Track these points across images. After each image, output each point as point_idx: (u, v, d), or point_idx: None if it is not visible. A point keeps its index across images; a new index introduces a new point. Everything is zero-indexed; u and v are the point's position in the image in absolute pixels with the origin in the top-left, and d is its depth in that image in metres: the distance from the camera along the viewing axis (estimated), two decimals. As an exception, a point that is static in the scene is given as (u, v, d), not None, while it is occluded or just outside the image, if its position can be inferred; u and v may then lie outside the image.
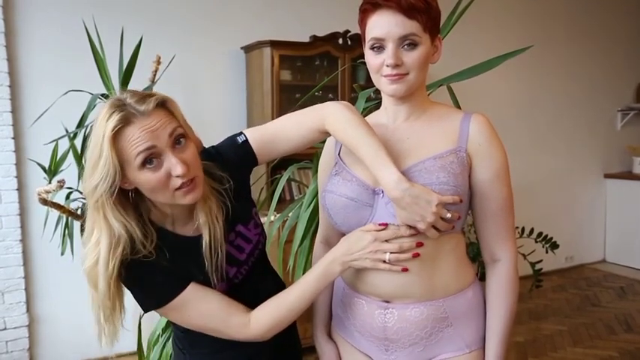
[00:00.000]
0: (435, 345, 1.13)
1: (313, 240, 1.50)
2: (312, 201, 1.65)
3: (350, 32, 3.37)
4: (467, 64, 1.63)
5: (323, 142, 1.25)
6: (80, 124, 2.31)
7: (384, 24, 1.04)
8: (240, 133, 1.16)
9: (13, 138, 2.89)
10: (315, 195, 1.62)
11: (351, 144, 1.07)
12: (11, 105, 2.87)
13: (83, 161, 2.26)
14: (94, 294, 1.00)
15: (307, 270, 1.64)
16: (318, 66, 3.47)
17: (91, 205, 0.98)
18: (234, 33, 3.41)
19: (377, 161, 1.03)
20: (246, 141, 1.14)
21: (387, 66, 1.05)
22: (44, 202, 1.88)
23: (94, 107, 2.29)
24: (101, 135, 0.93)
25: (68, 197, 2.46)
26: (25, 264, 2.99)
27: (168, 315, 1.10)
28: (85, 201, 2.40)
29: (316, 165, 1.45)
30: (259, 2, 3.48)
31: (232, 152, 1.14)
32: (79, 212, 2.30)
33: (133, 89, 1.04)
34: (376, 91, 1.52)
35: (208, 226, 1.05)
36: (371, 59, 1.09)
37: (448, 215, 1.02)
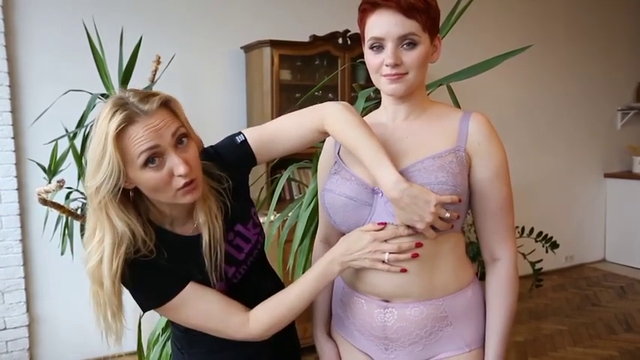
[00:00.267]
0: (435, 344, 1.13)
1: (313, 239, 1.50)
2: (311, 200, 1.65)
3: (350, 32, 3.37)
4: (466, 64, 1.64)
5: (323, 142, 1.25)
6: (80, 124, 2.31)
7: (384, 23, 1.04)
8: (239, 133, 1.16)
9: (13, 138, 2.89)
10: (314, 194, 1.62)
11: (350, 144, 1.07)
12: (11, 105, 2.87)
13: (83, 161, 2.27)
14: (99, 293, 1.00)
15: (307, 269, 1.64)
16: (317, 65, 3.48)
17: (95, 205, 0.98)
18: (233, 33, 3.41)
19: (376, 162, 1.03)
20: (245, 141, 1.14)
21: (387, 65, 1.06)
22: (44, 202, 1.88)
23: (94, 107, 2.29)
24: (104, 134, 0.93)
25: (68, 197, 2.46)
26: (25, 264, 2.99)
27: (167, 314, 1.10)
28: (85, 201, 2.39)
29: (316, 164, 1.45)
30: (259, 2, 3.48)
31: (231, 152, 1.14)
32: (79, 212, 2.30)
33: (135, 88, 1.04)
34: (376, 91, 1.52)
35: (208, 226, 1.05)
36: (370, 59, 1.09)
37: (447, 215, 1.02)
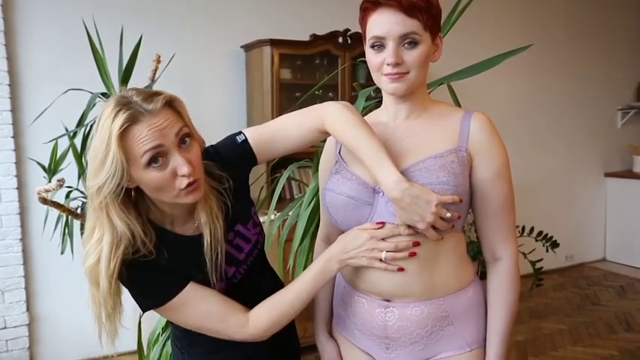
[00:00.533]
0: (436, 344, 1.13)
1: (313, 239, 1.50)
2: (312, 200, 1.65)
3: (350, 31, 3.37)
4: (467, 63, 1.63)
5: (323, 141, 1.25)
6: (80, 123, 2.31)
7: (385, 22, 1.04)
8: (239, 133, 1.15)
9: (13, 137, 2.89)
10: (315, 194, 1.62)
11: (351, 144, 1.07)
12: (11, 104, 2.87)
13: (83, 160, 2.26)
14: (95, 292, 1.00)
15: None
16: (318, 65, 3.47)
17: (95, 205, 0.97)
18: (234, 32, 3.40)
19: (377, 161, 1.02)
20: (245, 140, 1.14)
21: (388, 65, 1.05)
22: (44, 201, 1.88)
23: (94, 106, 2.29)
24: (107, 133, 0.92)
25: (68, 196, 2.46)
26: (25, 263, 2.99)
27: (166, 315, 1.09)
28: (85, 200, 2.39)
29: (316, 164, 1.45)
30: (259, 1, 3.47)
31: (232, 151, 1.13)
32: (79, 211, 2.30)
33: (137, 87, 1.03)
34: (376, 90, 1.52)
35: (209, 226, 1.05)
36: (371, 58, 1.09)
37: (448, 215, 1.02)
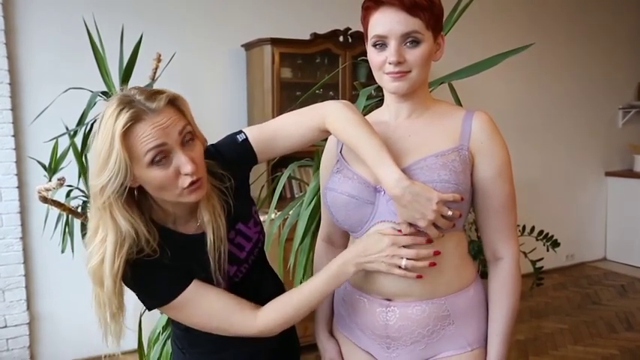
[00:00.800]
0: (437, 343, 1.13)
1: (314, 238, 1.50)
2: (312, 199, 1.64)
3: (351, 30, 3.36)
4: (468, 62, 1.63)
5: (324, 141, 1.25)
6: (80, 122, 2.31)
7: (387, 21, 1.04)
8: (239, 132, 1.15)
9: (13, 136, 2.89)
10: (315, 193, 1.62)
11: (352, 143, 1.07)
12: (11, 103, 2.87)
13: (84, 159, 2.26)
14: (100, 292, 1.00)
15: (308, 268, 1.64)
16: (318, 64, 3.47)
17: (99, 205, 0.97)
18: (234, 31, 3.40)
19: (378, 159, 1.02)
20: (246, 139, 1.14)
21: (390, 63, 1.05)
22: (44, 200, 1.88)
23: (95, 105, 2.28)
24: (110, 132, 0.92)
25: (68, 195, 2.45)
26: (26, 262, 2.99)
27: (172, 314, 1.09)
28: (86, 199, 2.38)
29: (317, 163, 1.45)
30: (260, 0, 3.47)
31: (232, 150, 1.13)
32: (80, 210, 2.29)
33: (139, 86, 1.03)
34: (377, 89, 1.52)
35: (212, 225, 1.05)
36: (373, 56, 1.08)
37: (449, 213, 1.02)
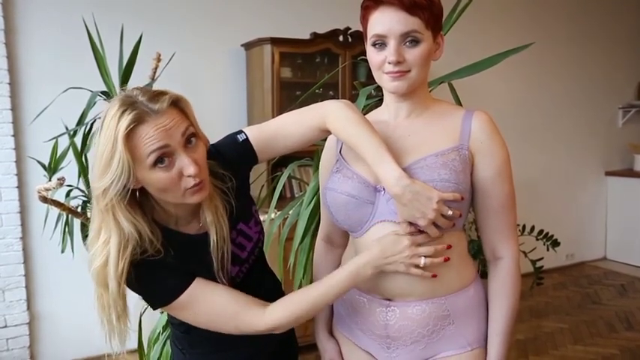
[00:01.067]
0: (437, 343, 1.12)
1: (314, 238, 1.50)
2: (312, 199, 1.64)
3: (350, 29, 3.36)
4: (468, 62, 1.63)
5: (324, 140, 1.25)
6: (80, 122, 2.31)
7: (386, 21, 1.03)
8: (240, 132, 1.15)
9: (13, 135, 2.88)
10: (315, 192, 1.62)
11: (352, 142, 1.07)
12: (11, 102, 2.87)
13: (83, 159, 2.26)
14: (104, 295, 0.99)
15: (308, 268, 1.64)
16: (318, 63, 3.47)
17: (101, 207, 0.96)
18: (234, 30, 3.40)
19: (378, 158, 1.02)
20: (246, 139, 1.13)
21: (389, 63, 1.05)
22: (44, 200, 1.88)
23: (94, 105, 2.28)
24: (113, 134, 0.91)
25: (68, 195, 2.45)
26: (26, 262, 2.99)
27: (177, 313, 1.08)
28: (86, 198, 2.38)
29: (317, 162, 1.45)
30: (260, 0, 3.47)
31: (233, 150, 1.13)
32: (80, 210, 2.29)
33: (140, 87, 1.02)
34: (377, 89, 1.52)
35: (215, 225, 1.05)
36: (373, 56, 1.08)
37: (449, 212, 1.02)
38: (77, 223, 2.41)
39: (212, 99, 3.39)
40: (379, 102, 1.26)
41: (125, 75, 2.34)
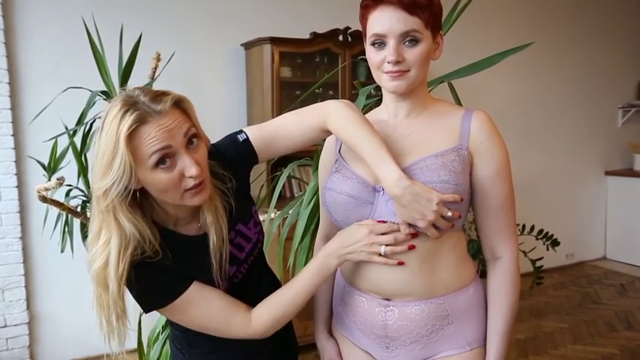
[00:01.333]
0: (436, 343, 1.12)
1: (314, 237, 1.50)
2: (312, 198, 1.64)
3: (350, 29, 3.36)
4: (468, 61, 1.63)
5: (324, 140, 1.24)
6: (80, 122, 2.30)
7: (386, 20, 1.03)
8: (240, 132, 1.15)
9: (13, 135, 2.88)
10: (315, 192, 1.62)
11: (352, 142, 1.06)
12: (10, 102, 2.87)
13: (83, 158, 2.26)
14: (104, 295, 0.99)
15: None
16: (318, 63, 3.47)
17: (102, 208, 0.96)
18: (234, 30, 3.40)
19: (377, 159, 1.02)
20: (247, 139, 1.13)
21: (389, 62, 1.05)
22: (44, 200, 1.87)
23: (94, 104, 2.28)
24: (115, 134, 0.91)
25: (68, 194, 2.45)
26: (25, 261, 2.99)
27: (171, 315, 1.09)
28: (85, 198, 2.37)
29: (316, 162, 1.45)
30: (260, -1, 3.48)
31: (233, 150, 1.13)
32: (79, 209, 2.29)
33: (141, 86, 1.02)
34: (377, 88, 1.52)
35: (215, 226, 1.04)
36: (372, 55, 1.08)
37: (449, 214, 1.02)
38: (77, 223, 2.41)
39: (212, 98, 3.39)
40: (379, 101, 1.26)
41: (125, 74, 2.33)
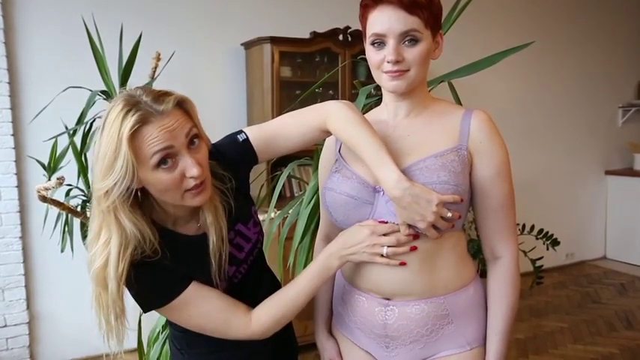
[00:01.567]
0: (436, 342, 1.12)
1: (314, 237, 1.50)
2: (312, 198, 1.64)
3: (350, 28, 3.36)
4: (468, 61, 1.63)
5: (324, 140, 1.24)
6: (80, 121, 2.30)
7: (385, 20, 1.03)
8: (240, 132, 1.15)
9: (13, 135, 2.88)
10: (315, 192, 1.62)
11: (352, 143, 1.06)
12: (10, 102, 2.87)
13: (83, 158, 2.26)
14: (103, 295, 0.98)
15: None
16: (318, 62, 3.47)
17: (103, 208, 0.95)
18: (234, 29, 3.40)
19: (377, 160, 1.02)
20: (247, 139, 1.13)
21: (388, 62, 1.05)
22: (44, 199, 1.87)
23: (94, 104, 2.28)
24: (117, 134, 0.90)
25: (68, 194, 2.45)
26: (25, 261, 2.99)
27: (169, 315, 1.09)
28: (85, 198, 2.37)
29: (316, 162, 1.45)
30: (259, -2, 3.48)
31: (233, 150, 1.13)
32: (79, 209, 2.29)
33: (142, 86, 1.02)
34: (377, 88, 1.52)
35: (214, 226, 1.04)
36: (372, 55, 1.08)
37: (449, 215, 1.02)
38: (77, 223, 2.40)
39: (212, 98, 3.39)
40: (379, 101, 1.26)
41: (125, 74, 2.33)
